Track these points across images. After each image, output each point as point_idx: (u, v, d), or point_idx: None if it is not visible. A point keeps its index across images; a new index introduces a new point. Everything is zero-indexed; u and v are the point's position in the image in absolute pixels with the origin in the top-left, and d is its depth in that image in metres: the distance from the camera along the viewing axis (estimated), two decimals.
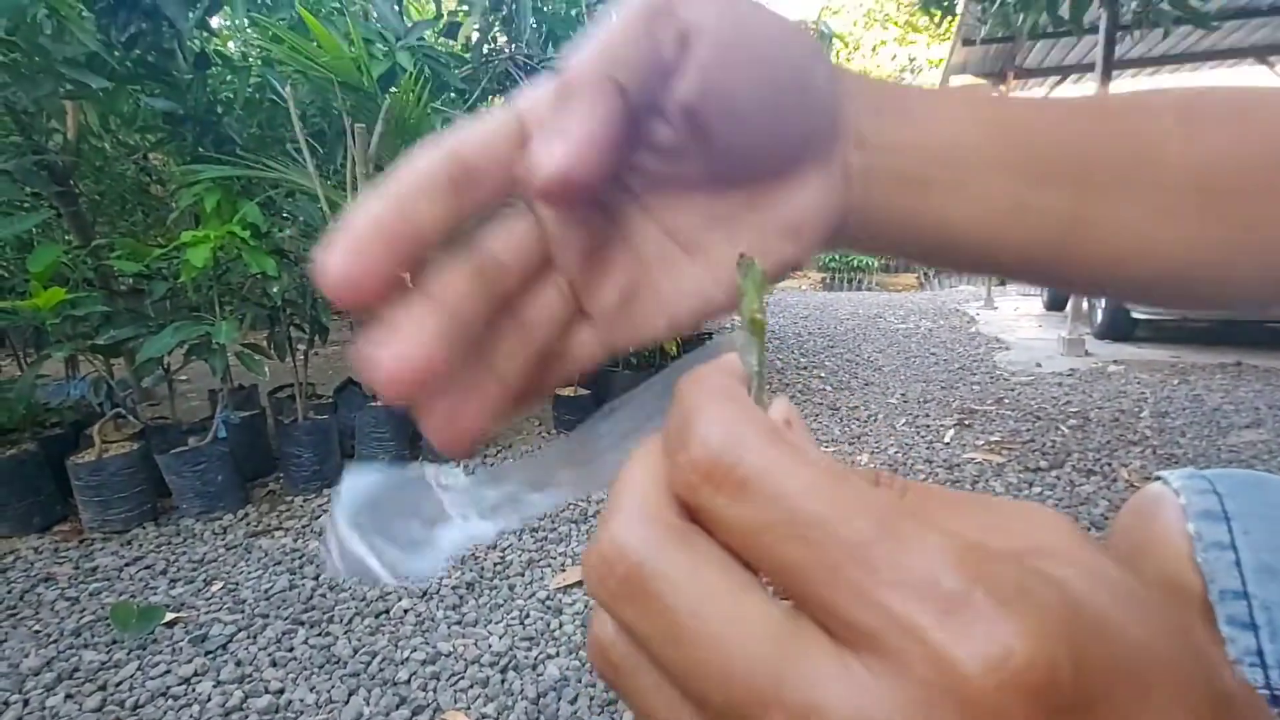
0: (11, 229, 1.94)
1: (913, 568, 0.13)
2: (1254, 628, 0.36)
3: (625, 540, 0.15)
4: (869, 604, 0.13)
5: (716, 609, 0.14)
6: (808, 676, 0.13)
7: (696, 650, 0.14)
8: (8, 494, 2.01)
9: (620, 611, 0.15)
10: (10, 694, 1.35)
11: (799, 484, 0.14)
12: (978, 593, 0.12)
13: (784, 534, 0.14)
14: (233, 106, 2.69)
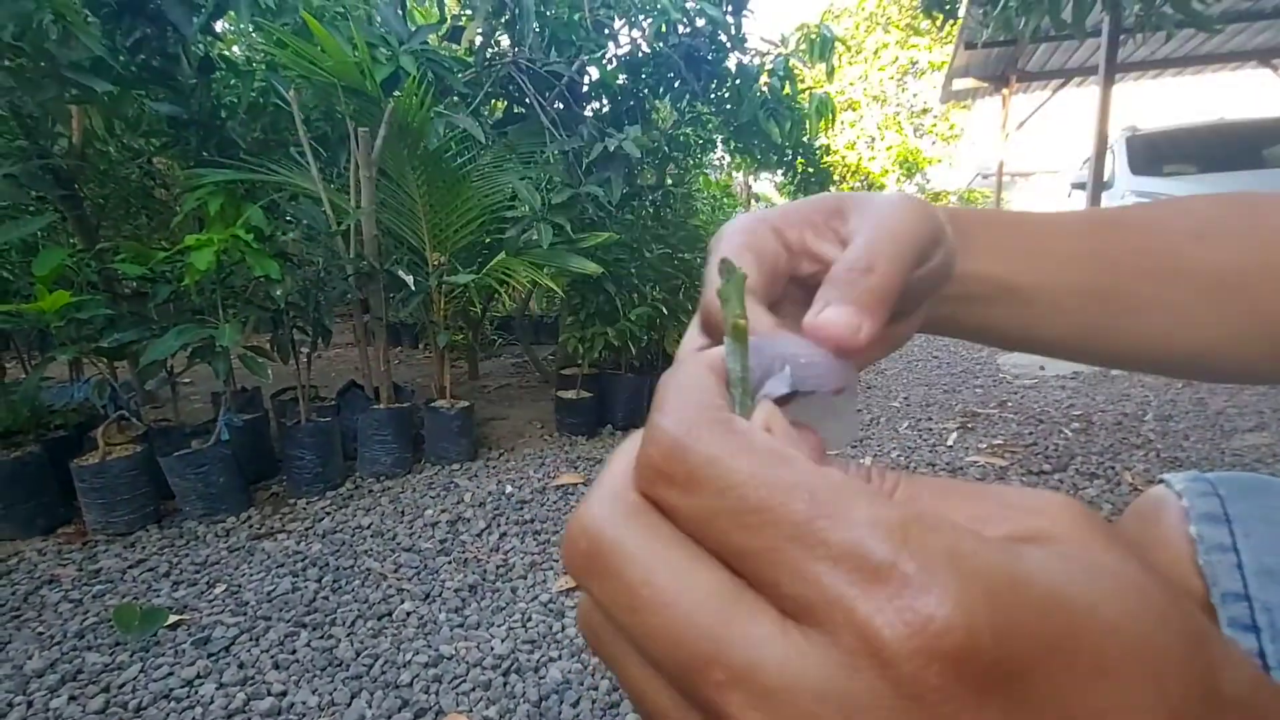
0: (17, 232, 1.95)
1: (842, 543, 0.13)
2: (1255, 630, 0.36)
3: (589, 518, 0.17)
4: (804, 579, 0.13)
5: (666, 578, 0.15)
6: (749, 640, 0.14)
7: (649, 616, 0.15)
8: (11, 496, 2.02)
9: (587, 584, 0.16)
10: (14, 695, 1.35)
11: (742, 474, 0.15)
12: (904, 563, 0.12)
13: (729, 522, 0.15)
14: (237, 111, 2.70)
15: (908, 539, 0.13)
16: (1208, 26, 3.72)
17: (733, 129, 3.92)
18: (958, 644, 0.12)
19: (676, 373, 0.19)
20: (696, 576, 0.15)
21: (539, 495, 2.31)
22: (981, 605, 0.12)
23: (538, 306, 4.96)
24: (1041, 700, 0.12)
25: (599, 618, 0.17)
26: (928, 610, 0.12)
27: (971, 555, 0.13)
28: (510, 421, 3.20)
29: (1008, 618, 0.12)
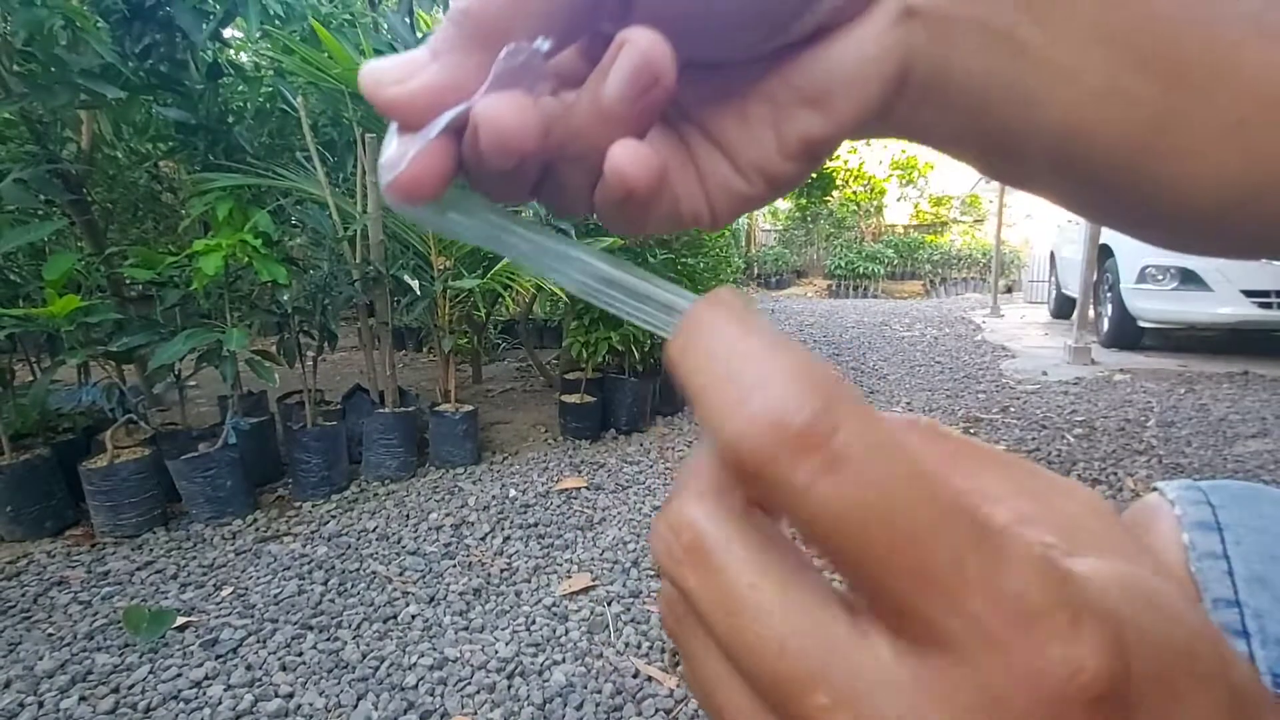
0: (26, 237, 1.97)
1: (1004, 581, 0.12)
2: (1245, 635, 0.37)
3: (693, 512, 0.15)
4: (955, 607, 0.12)
5: (774, 584, 0.14)
6: (860, 663, 0.13)
7: (751, 623, 0.14)
8: (21, 498, 2.03)
9: (682, 579, 0.15)
10: (25, 696, 1.36)
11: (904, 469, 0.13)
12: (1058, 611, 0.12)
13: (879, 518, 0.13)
14: (244, 116, 2.72)
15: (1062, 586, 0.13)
16: None
17: None
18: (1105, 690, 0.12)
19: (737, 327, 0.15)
20: (805, 586, 0.14)
21: (543, 499, 2.32)
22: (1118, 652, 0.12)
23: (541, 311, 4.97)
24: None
25: (683, 610, 0.16)
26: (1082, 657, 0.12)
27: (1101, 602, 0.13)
28: (514, 425, 3.21)
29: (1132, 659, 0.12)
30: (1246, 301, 4.27)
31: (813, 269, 12.79)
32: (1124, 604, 0.13)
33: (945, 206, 13.74)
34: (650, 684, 1.40)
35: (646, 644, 1.53)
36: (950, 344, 5.70)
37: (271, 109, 2.80)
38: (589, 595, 1.73)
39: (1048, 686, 0.12)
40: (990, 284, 9.25)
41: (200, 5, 2.25)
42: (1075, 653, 0.12)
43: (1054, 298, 7.26)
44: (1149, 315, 4.72)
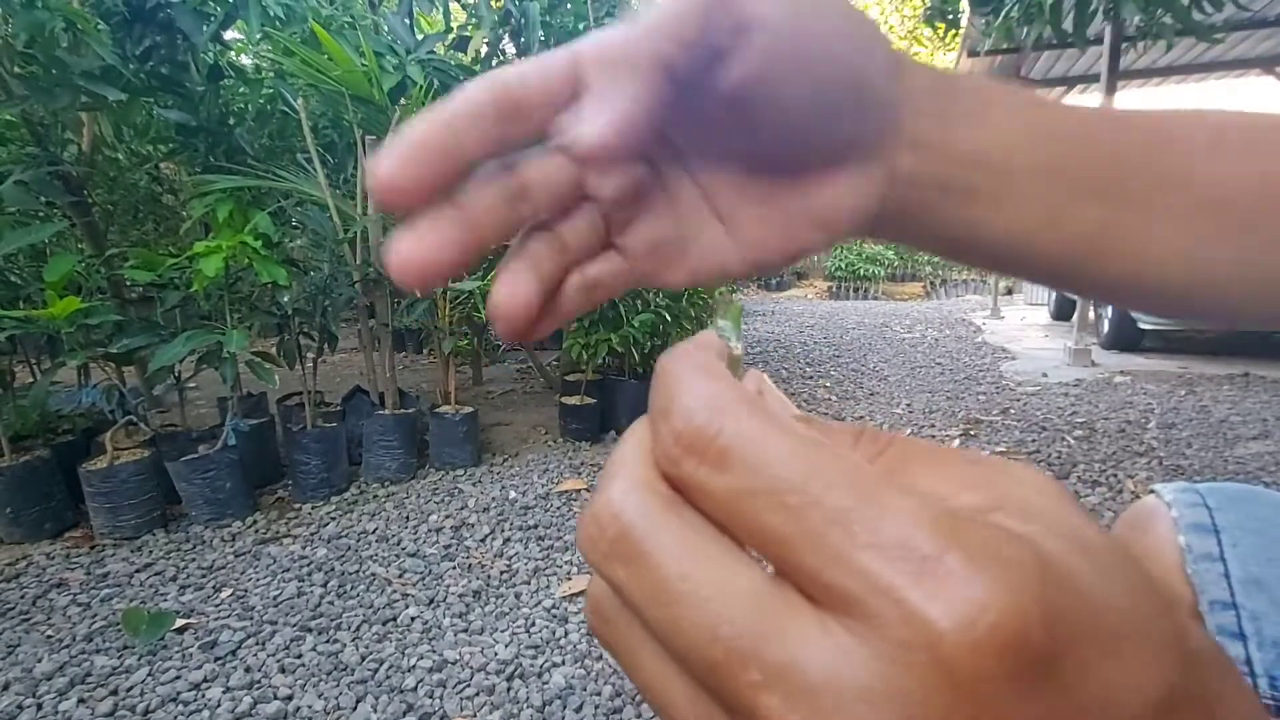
0: (27, 239, 1.97)
1: (889, 533, 0.13)
2: (1242, 637, 0.37)
3: (619, 505, 0.16)
4: (847, 568, 0.13)
5: (702, 572, 0.14)
6: (788, 636, 0.13)
7: (683, 610, 0.14)
8: (20, 500, 2.03)
9: (611, 572, 0.16)
10: (24, 698, 1.36)
11: (779, 453, 0.14)
12: (952, 555, 0.13)
13: (765, 502, 0.14)
14: (245, 118, 2.73)
15: (953, 531, 0.13)
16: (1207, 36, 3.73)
17: None
18: (1013, 634, 0.12)
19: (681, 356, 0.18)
20: (734, 571, 0.14)
21: (543, 501, 2.32)
22: (1029, 596, 0.12)
23: None
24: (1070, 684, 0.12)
25: (614, 608, 0.17)
26: (982, 601, 0.12)
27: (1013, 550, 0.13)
28: (514, 427, 3.21)
29: (1050, 607, 0.12)
30: None
31: (813, 270, 12.79)
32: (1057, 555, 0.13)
33: None
34: None
35: None
36: (951, 345, 5.70)
37: (272, 111, 2.80)
38: None
39: (950, 630, 0.12)
40: (990, 286, 9.26)
41: (201, 7, 2.25)
42: (973, 594, 0.12)
43: (1054, 299, 7.26)
44: (1150, 319, 4.72)
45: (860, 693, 0.12)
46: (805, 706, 0.13)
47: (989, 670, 0.12)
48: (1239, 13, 3.95)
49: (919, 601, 0.12)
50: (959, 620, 0.12)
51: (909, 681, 0.12)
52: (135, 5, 2.16)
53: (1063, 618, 0.12)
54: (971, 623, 0.12)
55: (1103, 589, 0.13)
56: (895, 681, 0.12)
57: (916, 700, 0.12)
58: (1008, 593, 0.12)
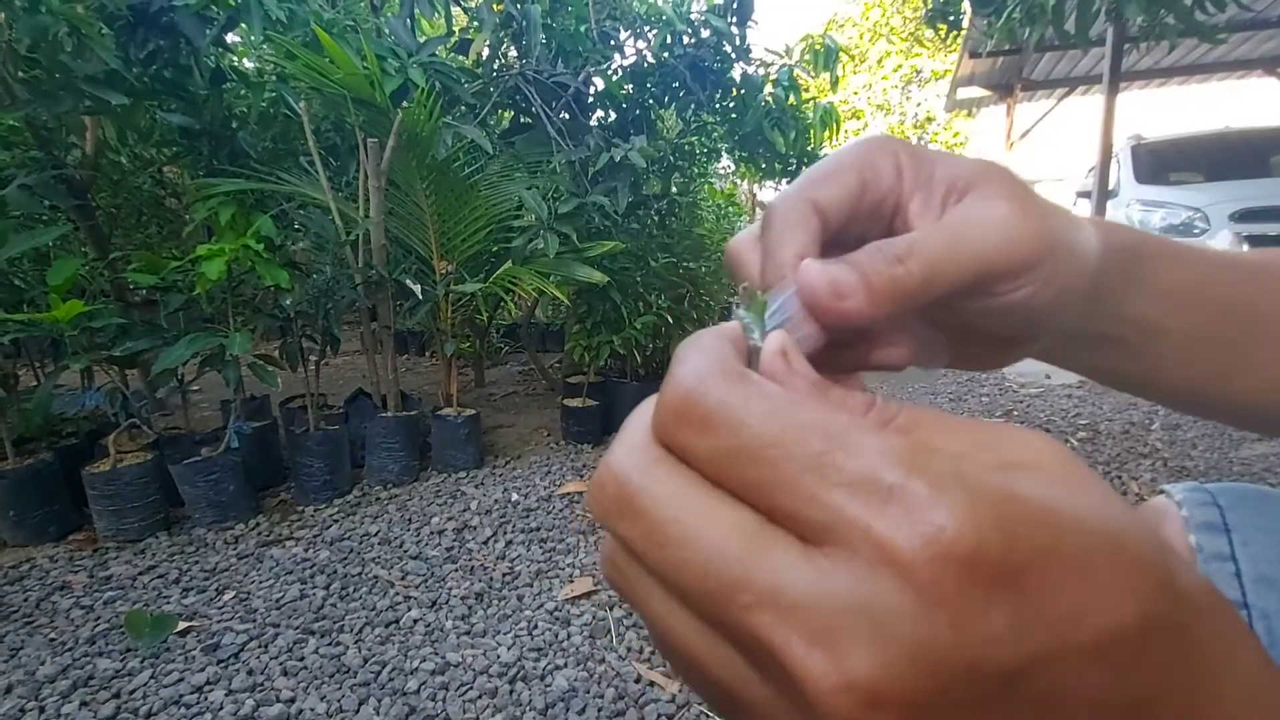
0: (31, 242, 1.98)
1: (856, 470, 0.15)
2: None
3: (617, 465, 0.18)
4: (821, 505, 0.15)
5: (693, 515, 0.16)
6: (774, 565, 0.15)
7: (678, 550, 0.16)
8: (24, 503, 2.04)
9: (615, 526, 0.18)
10: (27, 701, 1.36)
11: (756, 414, 0.16)
12: (914, 483, 0.14)
13: (745, 458, 0.16)
14: (247, 121, 2.73)
15: (915, 463, 0.14)
16: (1210, 37, 3.73)
17: (737, 138, 3.93)
18: (968, 549, 0.13)
19: (692, 339, 0.20)
20: (720, 512, 0.16)
21: (545, 503, 2.32)
22: (985, 516, 0.14)
23: (544, 315, 4.97)
24: (1037, 597, 0.13)
25: (623, 559, 0.18)
26: (939, 522, 0.14)
27: (973, 475, 0.14)
28: (516, 429, 3.21)
29: (1008, 526, 0.14)
30: None
31: None
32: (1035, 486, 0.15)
33: None
34: (652, 689, 1.39)
35: (649, 649, 1.52)
36: None
37: (274, 114, 2.80)
38: (591, 600, 1.73)
39: (911, 551, 0.14)
40: None
41: (204, 11, 2.25)
42: (933, 517, 0.14)
43: None
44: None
45: (840, 607, 0.14)
46: (792, 620, 0.14)
47: (950, 580, 0.13)
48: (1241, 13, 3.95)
49: (882, 527, 0.14)
50: (919, 540, 0.13)
51: (880, 595, 0.14)
52: (138, 9, 2.17)
53: (1024, 536, 0.14)
54: (930, 541, 0.13)
55: (1081, 521, 0.14)
56: (869, 596, 0.14)
57: (891, 610, 0.14)
58: (965, 514, 0.14)
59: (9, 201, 2.00)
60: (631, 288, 3.00)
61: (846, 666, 0.14)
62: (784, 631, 0.14)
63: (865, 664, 0.13)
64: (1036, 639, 0.13)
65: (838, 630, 0.14)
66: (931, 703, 0.13)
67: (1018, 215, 0.25)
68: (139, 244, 2.80)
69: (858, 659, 0.14)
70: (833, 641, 0.14)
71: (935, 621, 0.13)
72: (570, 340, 3.14)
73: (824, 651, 0.14)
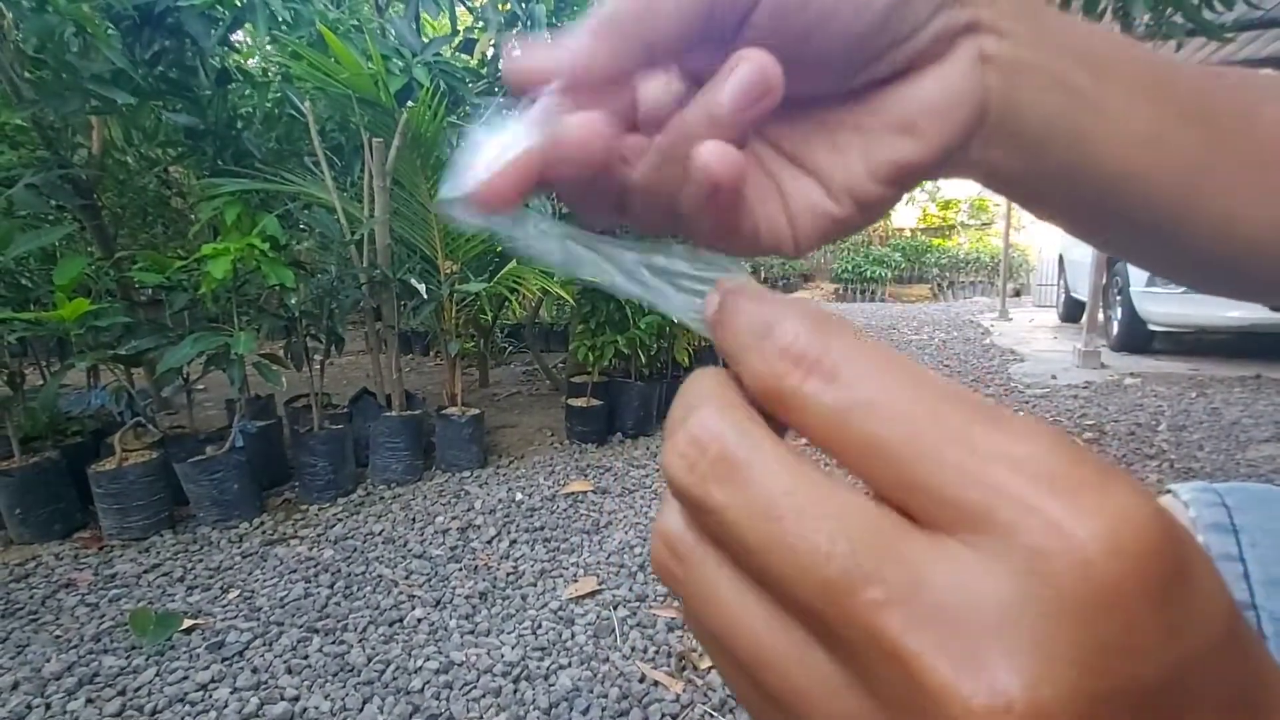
0: (37, 242, 1.99)
1: (1016, 448, 0.13)
2: (1263, 638, 0.37)
3: (717, 426, 0.15)
4: (975, 481, 0.13)
5: (809, 488, 0.14)
6: (909, 554, 0.13)
7: (790, 525, 0.14)
8: (30, 501, 2.04)
9: (710, 494, 0.15)
10: (33, 698, 1.37)
11: (889, 374, 0.14)
12: (1084, 469, 0.12)
13: (881, 415, 0.14)
14: (252, 121, 2.74)
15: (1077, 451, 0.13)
16: (1218, 36, 3.71)
17: None
18: (1155, 544, 0.12)
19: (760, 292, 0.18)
20: (840, 489, 0.14)
21: (549, 503, 2.32)
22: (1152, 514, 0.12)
23: (548, 314, 4.97)
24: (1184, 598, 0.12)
25: (688, 537, 0.16)
26: (1123, 512, 0.12)
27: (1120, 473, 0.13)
28: (520, 429, 3.21)
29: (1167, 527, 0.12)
30: (1257, 305, 4.22)
31: (820, 273, 12.76)
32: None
33: (953, 210, 13.69)
34: (657, 689, 1.39)
35: (653, 649, 1.52)
36: (959, 348, 5.67)
37: (279, 114, 2.81)
38: (595, 599, 1.73)
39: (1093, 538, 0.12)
40: (998, 287, 9.21)
41: (209, 12, 2.26)
42: (1114, 504, 0.12)
43: (1063, 301, 7.21)
44: (1159, 319, 4.69)
45: (995, 609, 0.12)
46: (932, 625, 0.12)
47: (1131, 579, 0.12)
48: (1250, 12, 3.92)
49: (1058, 511, 0.12)
50: (1103, 528, 0.12)
51: (1048, 593, 0.12)
52: (144, 10, 2.17)
53: (1179, 539, 0.12)
54: (1115, 531, 0.12)
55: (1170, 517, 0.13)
56: (1033, 594, 0.12)
57: (1056, 612, 0.12)
58: (1143, 506, 0.12)
59: (15, 201, 2.01)
60: None
61: (1002, 686, 0.12)
62: (922, 637, 0.12)
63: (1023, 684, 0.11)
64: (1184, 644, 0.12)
65: (991, 640, 0.12)
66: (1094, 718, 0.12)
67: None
68: (144, 243, 2.81)
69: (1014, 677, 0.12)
70: (984, 653, 0.12)
71: (1109, 630, 0.12)
72: (574, 340, 3.14)
73: (973, 665, 0.12)
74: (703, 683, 1.41)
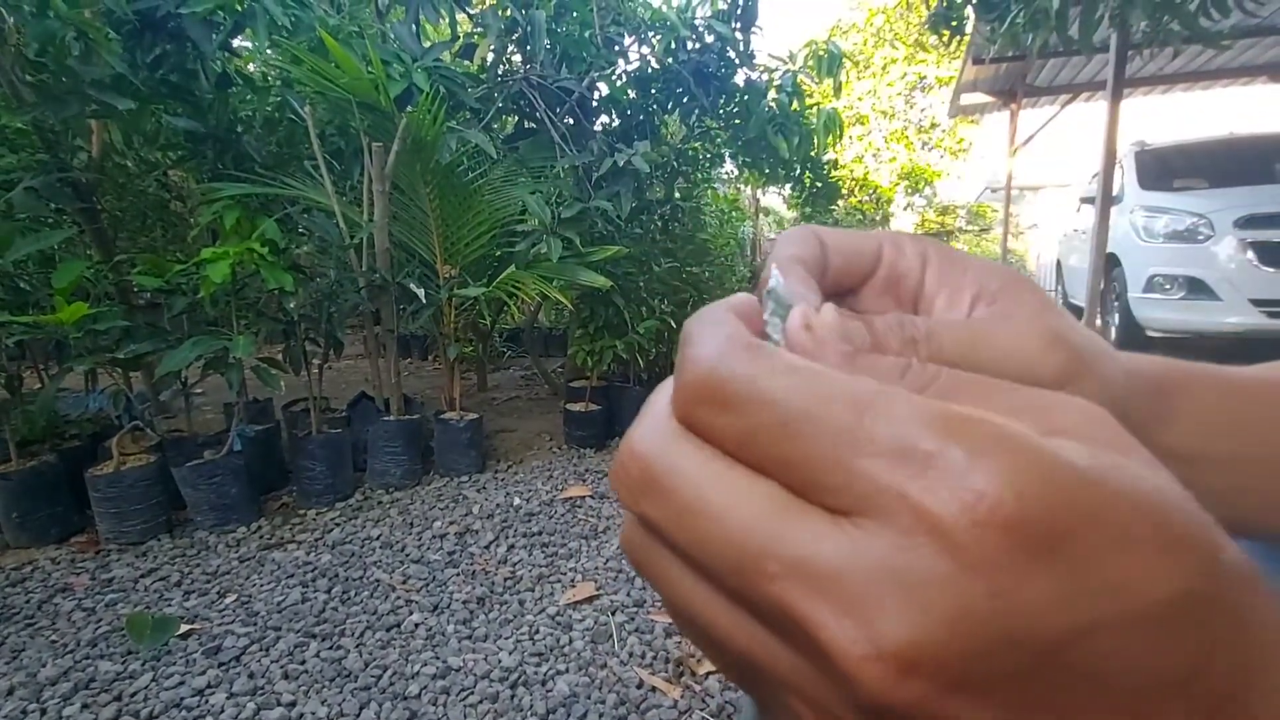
0: (36, 245, 1.99)
1: (890, 438, 0.14)
2: None
3: (639, 445, 0.18)
4: (854, 475, 0.14)
5: (718, 489, 0.16)
6: (801, 535, 0.15)
7: (704, 523, 0.16)
8: (27, 505, 2.04)
9: (638, 504, 0.17)
10: (28, 703, 1.36)
11: (779, 388, 0.16)
12: (951, 450, 0.14)
13: (772, 434, 0.16)
14: (252, 125, 2.74)
15: (951, 429, 0.14)
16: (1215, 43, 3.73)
17: (741, 144, 3.94)
18: (1009, 515, 0.13)
19: (700, 314, 0.20)
20: (745, 486, 0.16)
21: (547, 507, 2.32)
22: (1025, 482, 0.13)
23: (547, 319, 4.98)
24: (1080, 567, 0.13)
25: (644, 537, 0.18)
26: (979, 487, 0.13)
27: (1014, 441, 0.14)
28: (519, 434, 3.21)
29: (1049, 492, 0.13)
30: (1255, 311, 4.23)
31: None
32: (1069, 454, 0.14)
33: (952, 215, 13.72)
34: (654, 694, 1.39)
35: (651, 654, 1.52)
36: None
37: (280, 118, 2.82)
38: (593, 604, 1.72)
39: (948, 516, 0.13)
40: None
41: (210, 17, 2.27)
42: (971, 483, 0.13)
43: (1059, 303, 7.22)
44: (1156, 325, 4.69)
45: (872, 576, 0.14)
46: (822, 589, 0.14)
47: (989, 546, 0.13)
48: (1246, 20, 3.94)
49: (917, 494, 0.14)
50: (959, 506, 0.13)
51: (916, 562, 0.13)
52: (145, 15, 2.18)
53: (1068, 504, 0.13)
54: (968, 506, 0.13)
55: (1126, 491, 0.14)
56: (903, 563, 0.13)
57: (925, 577, 0.13)
58: (1006, 479, 0.13)
59: (15, 204, 2.01)
60: (634, 292, 3.01)
61: (878, 634, 0.13)
62: (812, 600, 0.14)
63: (897, 631, 0.13)
64: (1077, 610, 0.13)
65: (868, 598, 0.14)
66: (967, 672, 0.13)
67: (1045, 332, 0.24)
68: (144, 247, 2.81)
69: (889, 626, 0.13)
70: (862, 609, 0.14)
71: (973, 589, 0.13)
72: (573, 345, 3.14)
73: (853, 620, 0.14)
74: (700, 688, 1.41)
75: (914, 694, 0.13)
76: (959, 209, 13.74)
